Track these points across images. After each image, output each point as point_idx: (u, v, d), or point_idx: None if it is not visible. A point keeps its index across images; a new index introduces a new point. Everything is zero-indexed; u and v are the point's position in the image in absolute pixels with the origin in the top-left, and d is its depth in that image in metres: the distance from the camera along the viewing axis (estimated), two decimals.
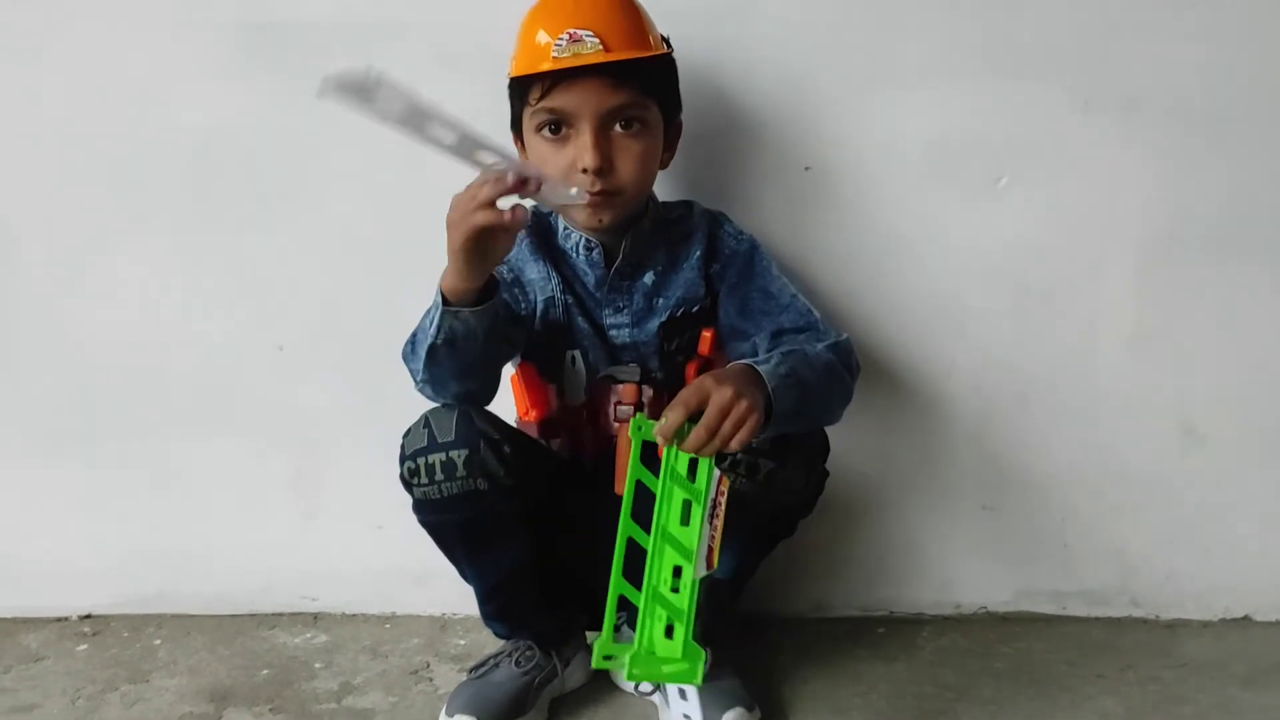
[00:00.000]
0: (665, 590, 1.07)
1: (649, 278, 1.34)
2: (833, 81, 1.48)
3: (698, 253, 1.36)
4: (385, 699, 1.40)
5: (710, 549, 1.08)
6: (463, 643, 1.55)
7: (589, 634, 1.45)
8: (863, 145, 1.50)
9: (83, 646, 1.58)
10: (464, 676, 1.38)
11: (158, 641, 1.58)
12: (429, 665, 1.49)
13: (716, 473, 1.08)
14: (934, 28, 1.47)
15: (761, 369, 1.13)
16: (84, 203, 1.57)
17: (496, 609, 1.36)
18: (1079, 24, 1.46)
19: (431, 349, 1.19)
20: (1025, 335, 1.54)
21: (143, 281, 1.58)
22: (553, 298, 1.34)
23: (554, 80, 1.24)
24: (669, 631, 1.08)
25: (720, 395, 1.06)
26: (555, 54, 1.22)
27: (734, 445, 1.07)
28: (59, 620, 1.65)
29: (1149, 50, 1.47)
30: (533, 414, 1.32)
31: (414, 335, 1.25)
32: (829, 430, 1.30)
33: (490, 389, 1.28)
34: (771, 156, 1.51)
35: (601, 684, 1.42)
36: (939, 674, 1.43)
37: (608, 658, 1.07)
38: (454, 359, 1.20)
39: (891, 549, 1.60)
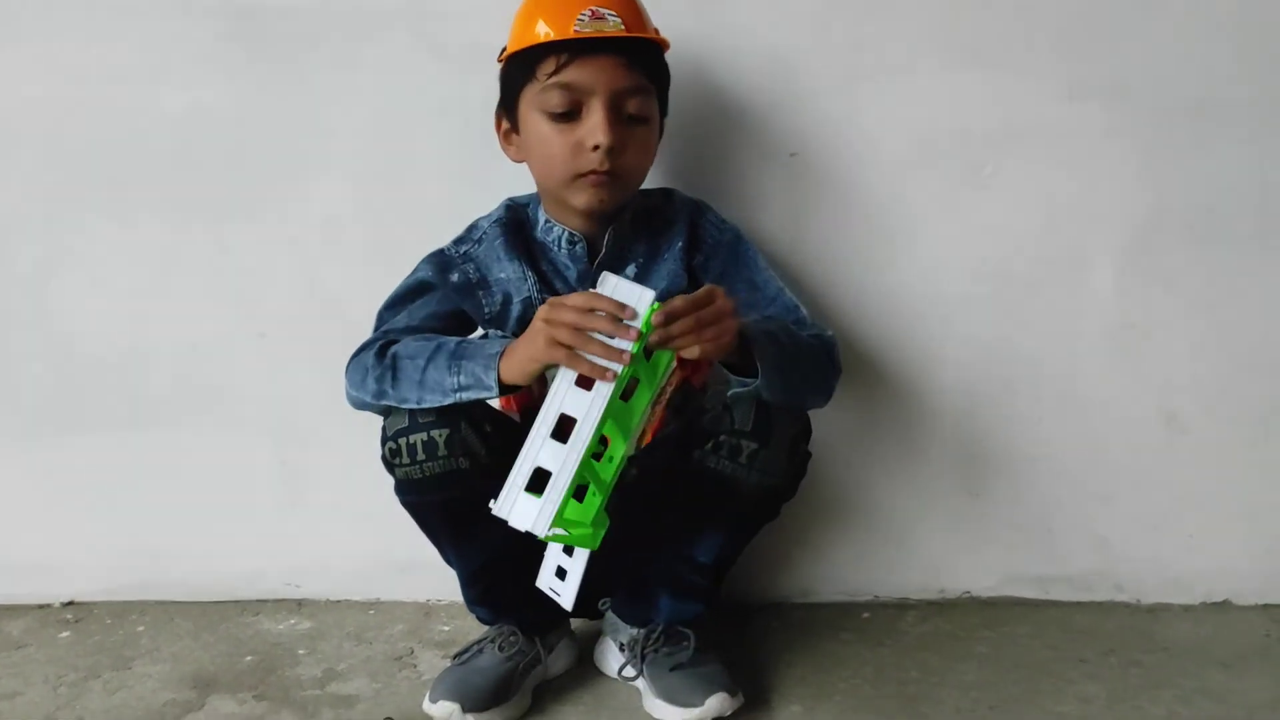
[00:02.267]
0: (589, 456, 1.07)
1: (630, 270, 1.34)
2: (818, 70, 1.49)
3: (679, 243, 1.35)
4: (369, 685, 1.40)
5: (645, 431, 1.09)
6: (447, 629, 1.55)
7: (573, 621, 1.46)
8: (848, 134, 1.50)
9: (65, 634, 1.57)
10: (448, 663, 1.38)
11: (141, 628, 1.58)
12: (413, 651, 1.49)
13: (674, 364, 1.09)
14: (919, 16, 1.47)
15: (742, 320, 1.16)
16: (66, 189, 1.56)
17: (480, 594, 1.36)
18: (1063, 14, 1.47)
19: (441, 406, 1.20)
20: (1009, 323, 1.55)
21: (124, 269, 1.58)
22: (530, 298, 1.32)
23: (573, 53, 1.23)
24: (580, 495, 1.10)
25: (724, 301, 1.11)
26: (578, 27, 1.22)
27: (704, 348, 1.09)
28: (41, 607, 1.65)
29: (1132, 40, 1.47)
30: (513, 404, 1.32)
31: (396, 363, 1.23)
32: (812, 414, 1.31)
33: None
34: (755, 145, 1.51)
35: (585, 670, 1.42)
36: (923, 658, 1.44)
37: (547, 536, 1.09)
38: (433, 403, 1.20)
39: (877, 535, 1.60)
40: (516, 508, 1.07)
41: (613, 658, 1.39)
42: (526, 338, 1.14)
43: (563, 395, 1.08)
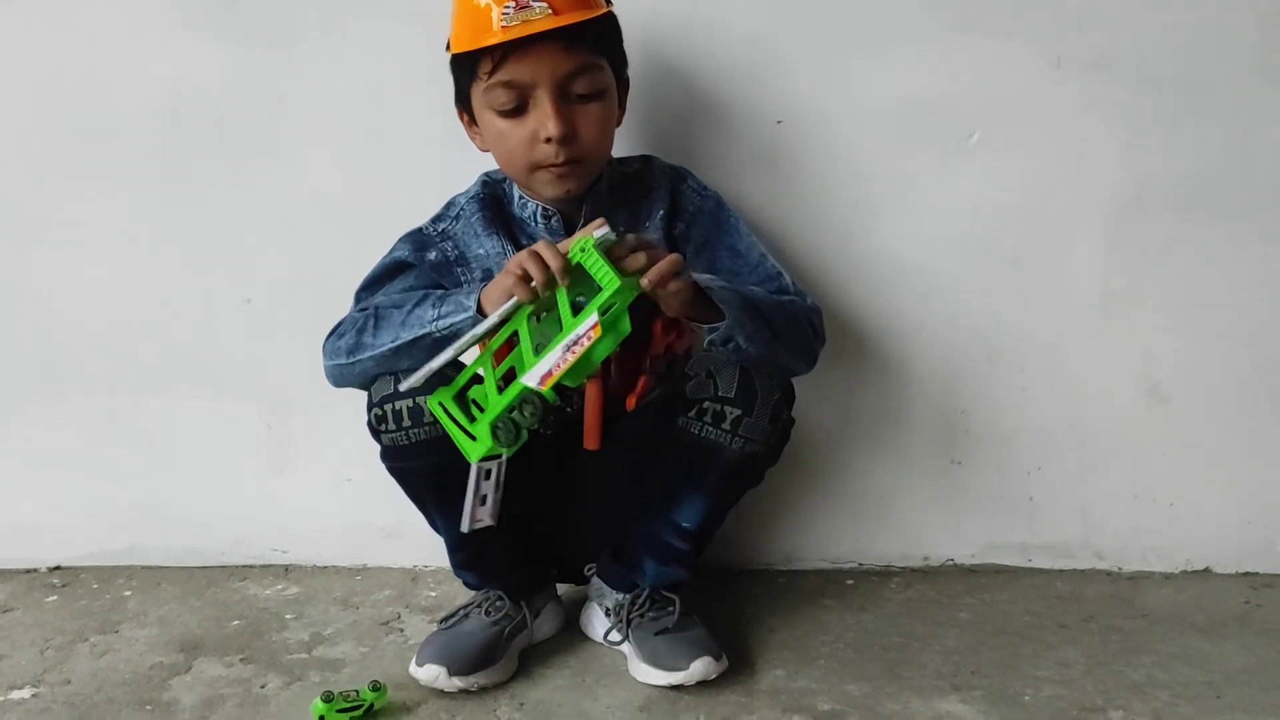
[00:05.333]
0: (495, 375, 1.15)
1: None
2: (805, 38, 1.48)
3: (660, 211, 1.35)
4: (356, 649, 1.41)
5: (550, 373, 1.10)
6: (433, 594, 1.56)
7: (559, 586, 1.47)
8: (833, 103, 1.50)
9: (52, 598, 1.58)
10: (434, 627, 1.39)
11: (128, 593, 1.58)
12: (399, 616, 1.50)
13: (593, 319, 1.09)
14: None
15: (699, 275, 1.19)
16: (50, 155, 1.55)
17: (466, 559, 1.37)
18: None
19: (418, 339, 1.20)
20: (993, 294, 1.55)
21: (110, 235, 1.57)
22: None
23: (505, 51, 1.21)
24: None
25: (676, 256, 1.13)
26: (504, 23, 1.19)
27: (651, 275, 1.10)
28: (28, 572, 1.65)
29: (1120, 10, 1.47)
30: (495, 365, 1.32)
31: (377, 313, 1.25)
32: (795, 383, 1.31)
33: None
34: (740, 113, 1.51)
35: (571, 635, 1.43)
36: (906, 624, 1.45)
37: (439, 404, 1.16)
38: (422, 354, 1.20)
39: (861, 502, 1.61)
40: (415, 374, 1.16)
41: (598, 622, 1.40)
42: (500, 273, 1.17)
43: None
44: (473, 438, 1.15)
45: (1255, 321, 1.54)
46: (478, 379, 1.17)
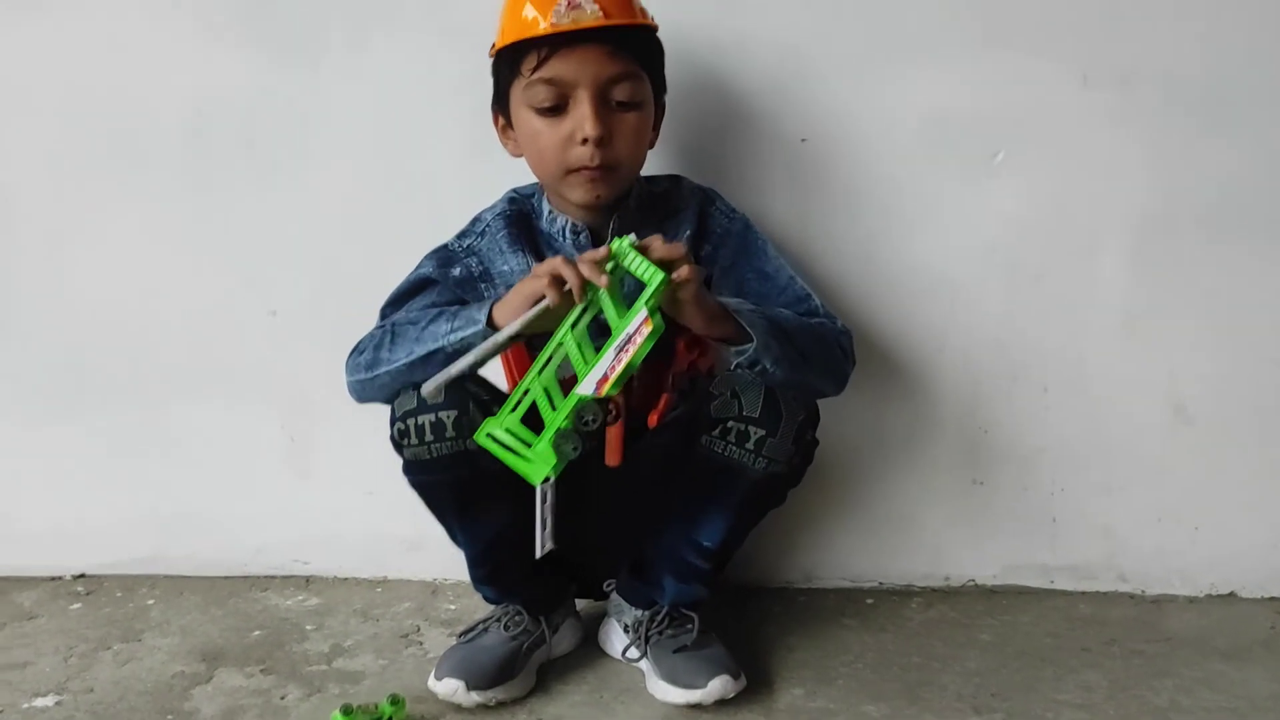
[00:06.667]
0: (554, 387, 1.15)
1: None
2: (829, 55, 1.48)
3: (688, 232, 1.34)
4: (375, 662, 1.41)
5: (606, 377, 1.11)
6: (453, 608, 1.56)
7: (578, 601, 1.47)
8: (859, 119, 1.50)
9: (76, 605, 1.59)
10: (453, 641, 1.39)
11: (150, 601, 1.59)
12: (419, 629, 1.50)
13: (643, 314, 1.10)
14: (933, 2, 1.47)
15: (725, 299, 1.21)
16: (79, 166, 1.57)
17: (486, 573, 1.37)
18: (1078, 1, 1.46)
19: (432, 353, 1.21)
20: (1017, 312, 1.54)
21: (137, 245, 1.59)
22: None
23: (552, 47, 1.22)
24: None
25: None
26: (554, 20, 1.21)
27: (682, 270, 1.11)
28: (53, 579, 1.67)
29: (1148, 27, 1.46)
30: (517, 377, 1.32)
31: (395, 329, 1.26)
32: (819, 402, 1.31)
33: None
34: (766, 131, 1.51)
35: (589, 650, 1.43)
36: (926, 645, 1.44)
37: (489, 435, 1.15)
38: (436, 369, 1.21)
39: (882, 521, 1.61)
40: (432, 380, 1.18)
41: (617, 639, 1.40)
42: (518, 283, 1.18)
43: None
44: (529, 461, 1.14)
45: None
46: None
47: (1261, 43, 1.46)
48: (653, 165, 1.37)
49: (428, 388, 1.16)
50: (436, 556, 1.51)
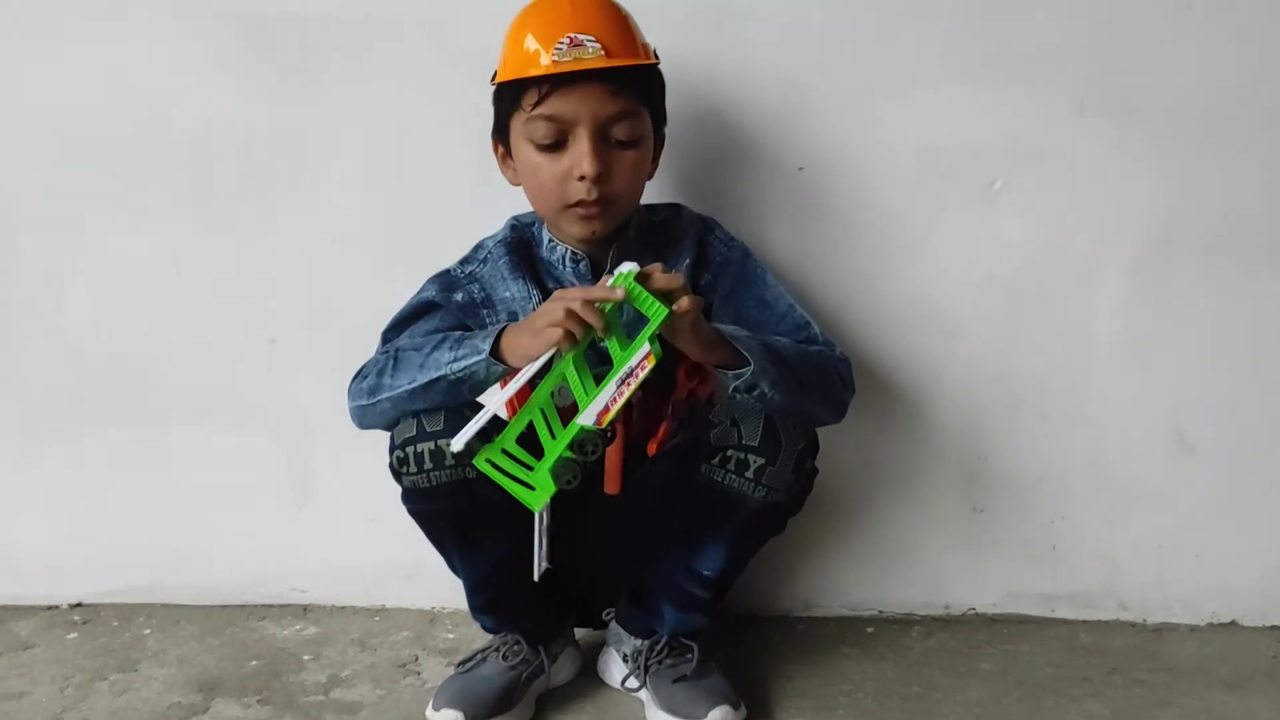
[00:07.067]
0: (542, 407, 1.16)
1: None
2: (827, 85, 1.49)
3: (687, 260, 1.35)
4: (373, 692, 1.40)
5: (607, 408, 1.12)
6: (451, 636, 1.56)
7: (577, 630, 1.46)
8: (857, 149, 1.50)
9: (73, 635, 1.58)
10: (452, 671, 1.38)
11: (147, 631, 1.59)
12: (417, 659, 1.49)
13: (645, 348, 1.11)
14: (929, 30, 1.47)
15: (720, 325, 1.21)
16: (79, 193, 1.57)
17: (485, 602, 1.36)
18: (1074, 28, 1.47)
19: (434, 381, 1.21)
20: (1017, 339, 1.54)
21: (135, 273, 1.59)
22: None
23: (553, 85, 1.22)
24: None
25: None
26: (556, 58, 1.21)
27: (684, 301, 1.11)
28: (49, 609, 1.66)
29: (1144, 55, 1.47)
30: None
31: (398, 354, 1.26)
32: (819, 431, 1.31)
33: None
34: (765, 159, 1.51)
35: (589, 680, 1.42)
36: (926, 674, 1.44)
37: (487, 460, 1.16)
38: (438, 397, 1.21)
39: (882, 549, 1.60)
40: (461, 435, 1.15)
41: (616, 668, 1.39)
42: (530, 320, 1.18)
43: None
44: (530, 487, 1.15)
45: None
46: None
47: (1258, 68, 1.47)
48: (653, 194, 1.38)
49: (458, 444, 1.15)
50: (435, 584, 1.50)
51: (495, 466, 1.16)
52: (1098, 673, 1.44)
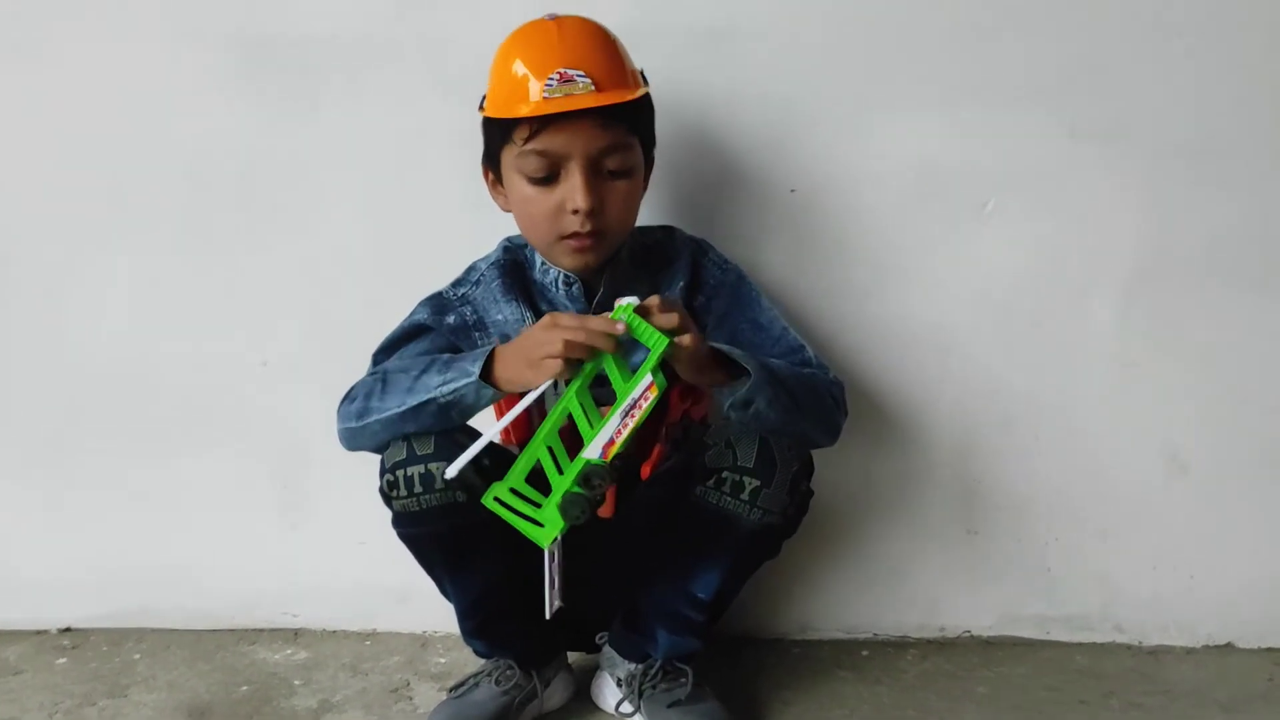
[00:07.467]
0: (559, 447, 1.16)
1: None
2: (820, 106, 1.49)
3: (680, 283, 1.34)
4: (365, 717, 1.39)
5: (612, 441, 1.12)
6: (443, 661, 1.55)
7: (570, 654, 1.45)
8: (850, 170, 1.51)
9: (62, 660, 1.57)
10: (444, 695, 1.37)
11: (137, 656, 1.57)
12: (409, 684, 1.48)
13: (648, 379, 1.10)
14: (922, 54, 1.48)
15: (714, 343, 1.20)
16: (73, 214, 1.57)
17: (476, 626, 1.35)
18: (1065, 54, 1.48)
19: (423, 404, 1.20)
20: (1010, 361, 1.54)
21: (127, 296, 1.58)
22: None
23: (543, 122, 1.22)
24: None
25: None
26: (546, 94, 1.20)
27: (681, 329, 1.12)
28: (38, 633, 1.64)
29: (1134, 80, 1.48)
30: (514, 438, 1.32)
31: (386, 377, 1.25)
32: (813, 453, 1.30)
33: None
34: (757, 181, 1.51)
35: (582, 704, 1.41)
36: (922, 697, 1.43)
37: (495, 498, 1.16)
38: (428, 420, 1.20)
39: (876, 572, 1.60)
40: (456, 462, 1.14)
41: (610, 693, 1.38)
42: (524, 349, 1.16)
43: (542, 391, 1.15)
44: (538, 523, 1.14)
45: (1275, 389, 1.53)
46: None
47: (1248, 93, 1.48)
48: (645, 216, 1.37)
49: (451, 472, 1.14)
50: (427, 608, 1.49)
51: (503, 504, 1.15)
52: (1094, 696, 1.43)
